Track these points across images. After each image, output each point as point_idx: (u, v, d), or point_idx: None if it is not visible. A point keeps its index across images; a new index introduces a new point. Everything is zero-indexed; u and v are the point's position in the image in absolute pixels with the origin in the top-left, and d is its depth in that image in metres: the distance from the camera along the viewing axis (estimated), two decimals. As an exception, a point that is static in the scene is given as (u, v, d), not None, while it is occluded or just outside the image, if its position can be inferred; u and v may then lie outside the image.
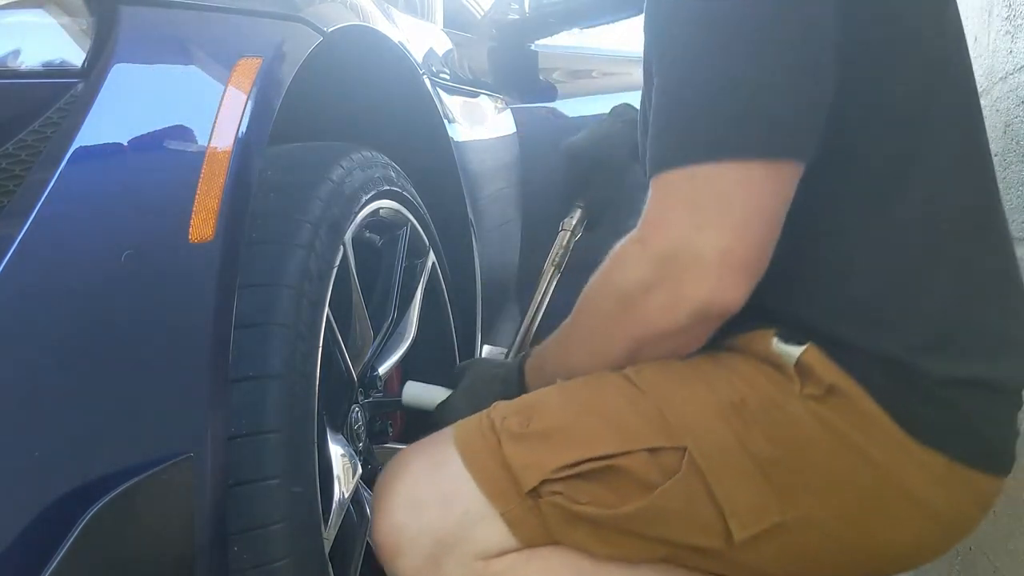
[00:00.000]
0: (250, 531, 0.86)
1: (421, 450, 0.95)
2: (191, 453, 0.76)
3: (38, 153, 0.69)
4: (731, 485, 0.85)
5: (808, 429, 0.85)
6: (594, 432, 0.87)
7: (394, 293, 1.28)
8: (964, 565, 1.38)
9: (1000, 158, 1.20)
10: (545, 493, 0.86)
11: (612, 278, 0.87)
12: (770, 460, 0.85)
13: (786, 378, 0.85)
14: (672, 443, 0.85)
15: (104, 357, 0.71)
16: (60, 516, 0.66)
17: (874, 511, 0.87)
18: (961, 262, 0.87)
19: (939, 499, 0.87)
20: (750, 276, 0.80)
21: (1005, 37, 1.18)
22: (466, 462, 0.89)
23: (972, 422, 0.87)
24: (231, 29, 0.88)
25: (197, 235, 0.77)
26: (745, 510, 0.85)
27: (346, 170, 1.07)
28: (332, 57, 1.07)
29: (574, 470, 0.85)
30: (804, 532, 0.87)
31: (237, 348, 0.85)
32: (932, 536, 0.91)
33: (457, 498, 0.89)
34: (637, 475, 0.85)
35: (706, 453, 0.84)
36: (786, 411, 0.85)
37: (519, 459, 0.87)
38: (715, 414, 0.86)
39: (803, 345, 0.85)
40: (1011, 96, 1.16)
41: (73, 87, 0.71)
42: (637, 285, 0.83)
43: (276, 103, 0.89)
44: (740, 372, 0.87)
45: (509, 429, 0.88)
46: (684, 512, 0.85)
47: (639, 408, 0.87)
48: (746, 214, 0.78)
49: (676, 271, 0.80)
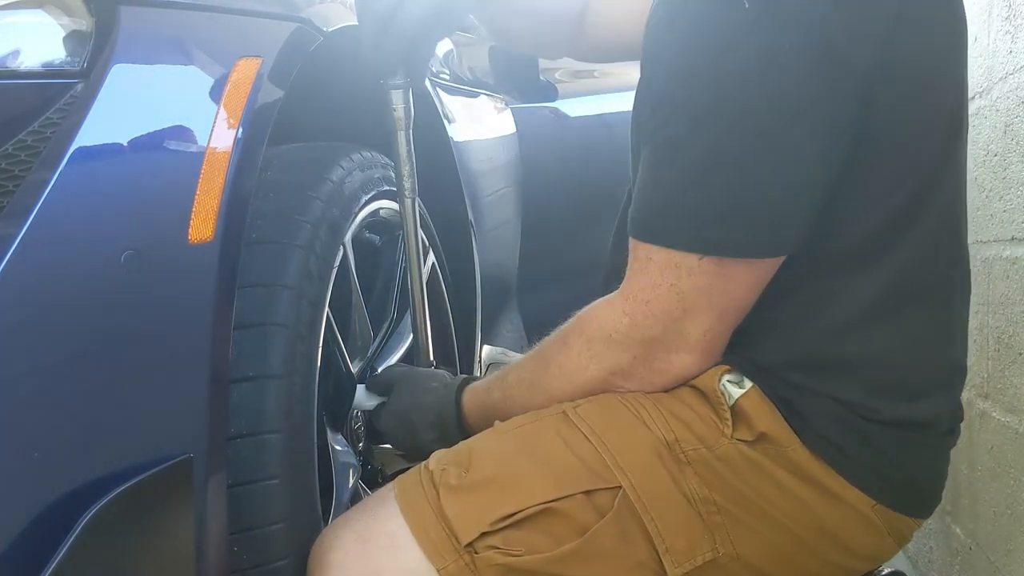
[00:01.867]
0: (250, 531, 0.86)
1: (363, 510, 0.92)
2: (191, 453, 0.76)
3: (38, 153, 0.69)
4: (665, 523, 0.86)
5: (738, 471, 0.87)
6: (531, 479, 0.87)
7: (394, 293, 1.28)
8: (964, 565, 1.38)
9: (1000, 158, 1.20)
10: (481, 548, 0.84)
11: (596, 349, 0.89)
12: (702, 499, 0.86)
13: (719, 419, 0.87)
14: (607, 484, 0.86)
15: (104, 357, 0.71)
16: (60, 517, 0.66)
17: (802, 550, 0.89)
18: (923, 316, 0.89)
19: (862, 542, 0.91)
20: (723, 346, 0.88)
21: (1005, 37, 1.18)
22: (406, 517, 0.87)
23: (907, 470, 0.90)
24: (231, 29, 0.88)
25: (197, 235, 0.77)
26: (679, 548, 0.86)
27: (346, 170, 1.07)
28: (332, 57, 1.07)
29: (511, 520, 0.85)
30: (735, 569, 0.88)
31: (237, 348, 0.85)
32: (851, 570, 0.95)
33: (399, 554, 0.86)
34: (573, 518, 0.85)
35: (640, 492, 0.86)
36: (716, 452, 0.87)
37: (457, 512, 0.85)
38: (650, 453, 0.87)
39: (745, 388, 0.87)
40: (1011, 96, 1.16)
41: (73, 87, 0.71)
42: (627, 361, 0.88)
43: (276, 103, 0.89)
44: (675, 412, 0.88)
45: (447, 482, 0.87)
46: (618, 551, 0.86)
47: (576, 450, 0.88)
48: (727, 304, 0.85)
49: (665, 344, 0.86)
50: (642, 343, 0.87)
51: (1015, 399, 1.15)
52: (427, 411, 1.03)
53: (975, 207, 1.31)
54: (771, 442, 0.87)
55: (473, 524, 0.85)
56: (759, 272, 0.85)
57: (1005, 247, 1.18)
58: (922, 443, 0.91)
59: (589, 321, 0.90)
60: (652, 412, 0.88)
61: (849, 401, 0.87)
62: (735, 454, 0.87)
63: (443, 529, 0.85)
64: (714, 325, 0.85)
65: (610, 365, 0.89)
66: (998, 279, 1.21)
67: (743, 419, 0.87)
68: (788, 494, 0.87)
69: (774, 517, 0.88)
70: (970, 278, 0.96)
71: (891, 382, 0.88)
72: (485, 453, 0.90)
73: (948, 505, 1.48)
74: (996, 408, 1.22)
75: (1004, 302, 1.19)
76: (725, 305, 0.85)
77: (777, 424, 0.87)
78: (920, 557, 1.69)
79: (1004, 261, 1.18)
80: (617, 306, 0.88)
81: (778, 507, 0.87)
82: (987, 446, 1.26)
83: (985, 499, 1.27)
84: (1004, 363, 1.19)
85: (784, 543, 0.89)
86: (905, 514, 0.92)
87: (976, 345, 1.32)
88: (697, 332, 0.85)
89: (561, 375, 0.92)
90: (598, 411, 0.90)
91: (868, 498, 0.88)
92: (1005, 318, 1.18)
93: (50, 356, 0.67)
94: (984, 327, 1.27)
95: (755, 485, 0.87)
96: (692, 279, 0.83)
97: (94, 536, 0.67)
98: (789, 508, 0.88)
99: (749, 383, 0.88)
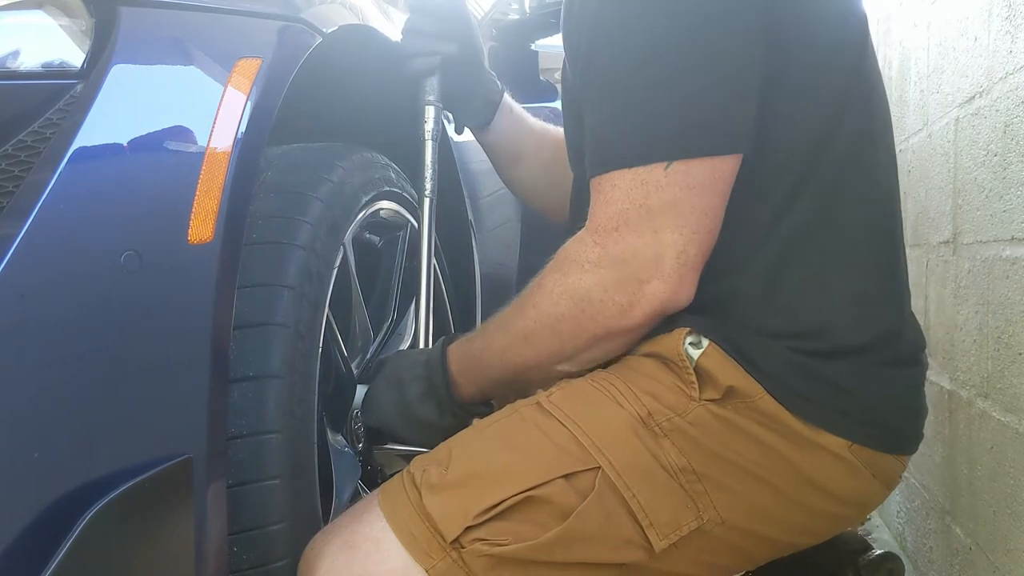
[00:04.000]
0: (250, 531, 0.86)
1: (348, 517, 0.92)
2: (191, 454, 0.76)
3: (37, 154, 0.69)
4: (646, 497, 0.86)
5: (713, 433, 0.88)
6: (511, 469, 0.87)
7: (394, 294, 1.28)
8: (964, 565, 1.38)
9: (1000, 158, 1.20)
10: (467, 543, 0.85)
11: (570, 281, 0.89)
12: (681, 469, 0.87)
13: (685, 385, 0.89)
14: (586, 465, 0.87)
15: (104, 358, 0.71)
16: (60, 517, 0.66)
17: (789, 507, 0.90)
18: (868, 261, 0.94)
19: (845, 486, 0.91)
20: (699, 271, 0.86)
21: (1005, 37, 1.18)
22: (390, 521, 0.88)
23: (869, 404, 0.91)
24: (230, 30, 0.88)
25: (196, 236, 0.77)
26: (662, 520, 0.87)
27: (346, 171, 1.07)
28: (331, 57, 1.07)
29: (495, 511, 0.85)
30: (722, 533, 0.89)
31: (237, 349, 0.85)
32: (841, 517, 0.96)
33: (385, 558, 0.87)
34: (555, 503, 0.86)
35: (619, 469, 0.86)
36: (689, 419, 0.88)
37: (439, 510, 0.86)
38: (625, 430, 0.88)
39: (703, 347, 0.89)
40: (1011, 96, 1.16)
41: (72, 88, 0.72)
42: (598, 289, 0.86)
43: (275, 104, 0.89)
44: (643, 386, 0.90)
45: (428, 481, 0.88)
46: (603, 530, 0.86)
47: (552, 437, 0.88)
48: (696, 215, 0.84)
49: (637, 273, 0.85)
50: (614, 268, 0.86)
51: (1015, 399, 1.15)
52: (414, 365, 1.04)
53: (975, 207, 1.31)
54: (739, 396, 0.88)
55: (457, 520, 0.85)
56: (721, 177, 0.85)
57: (1005, 247, 1.18)
58: (878, 375, 0.92)
59: (562, 258, 0.91)
60: (622, 390, 0.90)
61: (796, 345, 0.89)
62: (707, 416, 0.88)
63: (427, 529, 0.86)
64: (687, 247, 0.84)
65: (582, 296, 0.88)
66: (998, 279, 1.21)
67: (707, 379, 0.89)
68: (763, 448, 0.88)
69: (753, 474, 0.89)
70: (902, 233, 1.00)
71: (828, 316, 0.90)
72: (464, 450, 0.91)
73: (948, 505, 1.48)
74: (996, 408, 1.22)
75: (1004, 302, 1.19)
76: (695, 222, 0.84)
77: (740, 376, 0.88)
78: (920, 557, 1.69)
79: (1004, 261, 1.18)
80: (587, 239, 0.88)
81: (755, 463, 0.88)
82: (987, 446, 1.26)
83: (985, 499, 1.27)
84: (1004, 363, 1.19)
85: (767, 500, 0.90)
86: (883, 451, 0.92)
87: (976, 345, 1.32)
88: (670, 256, 0.84)
89: (536, 314, 0.92)
90: (570, 396, 0.91)
91: (841, 439, 0.89)
92: (1005, 318, 1.18)
93: (50, 357, 0.67)
94: (984, 327, 1.27)
95: (730, 444, 0.88)
96: (660, 193, 0.83)
97: (94, 536, 0.67)
98: (766, 462, 0.89)
99: (706, 341, 0.89)
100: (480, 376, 0.99)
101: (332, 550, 0.88)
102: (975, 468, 1.32)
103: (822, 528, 0.97)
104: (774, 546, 0.96)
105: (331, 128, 1.26)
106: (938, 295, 1.54)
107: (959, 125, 1.40)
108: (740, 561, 0.96)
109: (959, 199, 1.40)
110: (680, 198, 0.83)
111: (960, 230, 1.40)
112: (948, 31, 1.47)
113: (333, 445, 1.07)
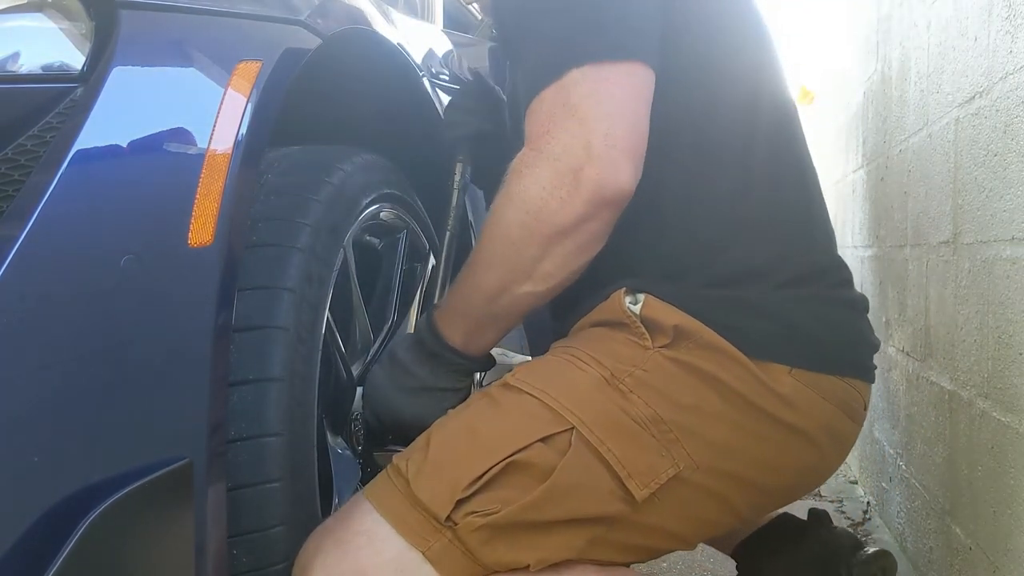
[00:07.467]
0: (250, 534, 0.86)
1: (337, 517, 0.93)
2: (191, 457, 0.76)
3: (38, 157, 0.69)
4: (621, 449, 0.90)
5: (672, 378, 0.93)
6: (489, 442, 0.90)
7: (394, 296, 1.28)
8: (964, 564, 1.38)
9: (1000, 158, 1.20)
10: (460, 518, 0.87)
11: (512, 189, 0.93)
12: (651, 419, 0.91)
13: (637, 337, 0.94)
14: (560, 427, 0.91)
15: (104, 361, 0.71)
16: (60, 521, 0.66)
17: (751, 440, 0.94)
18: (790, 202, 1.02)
19: (798, 412, 0.95)
20: (633, 159, 0.90)
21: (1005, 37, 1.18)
22: (380, 511, 0.89)
23: (795, 323, 0.96)
24: (230, 33, 0.88)
25: (196, 239, 0.77)
26: (639, 470, 0.91)
27: (346, 173, 1.07)
28: (332, 60, 1.07)
29: (481, 481, 0.88)
30: (700, 479, 0.93)
31: (237, 352, 0.85)
32: (809, 453, 0.99)
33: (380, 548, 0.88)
34: (536, 464, 0.89)
35: (591, 426, 0.90)
36: (647, 368, 0.93)
37: (428, 492, 0.88)
38: (592, 390, 0.92)
39: (641, 300, 0.94)
40: (1011, 96, 1.16)
41: (72, 91, 0.71)
42: (536, 186, 0.90)
43: (276, 106, 0.89)
44: (601, 349, 0.95)
45: (413, 468, 0.91)
46: (585, 484, 0.90)
47: (524, 408, 0.92)
48: (615, 103, 0.90)
49: (570, 162, 0.89)
50: (548, 164, 0.90)
51: (1015, 399, 1.15)
52: (405, 337, 1.08)
53: (975, 207, 1.31)
54: (685, 335, 0.93)
55: (446, 496, 0.88)
56: (636, 80, 0.92)
57: (1005, 247, 1.18)
58: (793, 296, 0.98)
59: (506, 178, 0.94)
60: (582, 356, 0.95)
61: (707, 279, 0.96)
62: (663, 362, 0.93)
63: (419, 512, 0.88)
64: (611, 129, 0.89)
65: (524, 198, 0.91)
66: (998, 279, 1.21)
67: (654, 326, 0.94)
68: (717, 384, 0.93)
69: (713, 412, 0.93)
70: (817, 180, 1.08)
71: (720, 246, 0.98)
72: (442, 433, 0.94)
73: (948, 505, 1.48)
74: (996, 408, 1.22)
75: (1004, 302, 1.19)
76: (616, 109, 0.89)
77: (680, 316, 0.93)
78: (920, 557, 1.69)
79: (1004, 261, 1.18)
80: (524, 150, 0.93)
81: (712, 402, 0.93)
82: (987, 446, 1.26)
83: (985, 499, 1.27)
84: (1004, 363, 1.19)
85: (732, 436, 0.94)
86: (822, 371, 0.96)
87: (976, 345, 1.32)
88: (597, 139, 0.88)
89: (489, 233, 0.96)
90: (534, 370, 0.96)
91: (780, 365, 0.94)
92: (1005, 318, 1.18)
93: (50, 360, 0.67)
94: (984, 327, 1.27)
95: (688, 386, 0.92)
96: (577, 88, 0.89)
97: (95, 540, 0.67)
98: (721, 399, 0.93)
99: (642, 296, 0.95)
100: (463, 321, 1.01)
101: (325, 548, 0.89)
102: (975, 468, 1.32)
103: (793, 462, 0.99)
104: (754, 490, 0.98)
105: (331, 130, 1.26)
106: (938, 295, 1.54)
107: (959, 125, 1.40)
108: (724, 513, 0.98)
109: (959, 199, 1.40)
110: (597, 89, 0.89)
111: (960, 230, 1.40)
112: (948, 31, 1.47)
113: (333, 448, 1.07)
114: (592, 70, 0.90)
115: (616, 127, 0.89)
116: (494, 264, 0.96)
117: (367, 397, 1.09)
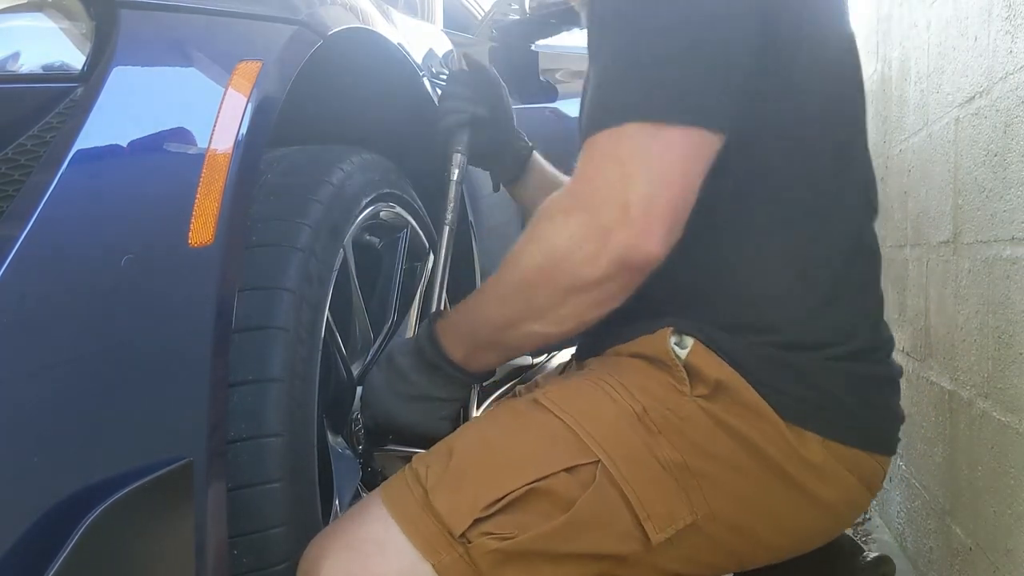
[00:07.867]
0: (251, 534, 0.86)
1: (349, 519, 0.92)
2: (191, 457, 0.76)
3: (38, 157, 0.68)
4: (644, 491, 0.89)
5: (703, 429, 0.91)
6: (514, 463, 0.89)
7: (394, 296, 1.28)
8: (964, 565, 1.38)
9: (1000, 158, 1.20)
10: (474, 537, 0.86)
11: (540, 231, 0.90)
12: (676, 464, 0.90)
13: (677, 381, 0.92)
14: (586, 459, 0.89)
15: (104, 361, 0.71)
16: (60, 521, 0.66)
17: (772, 502, 0.93)
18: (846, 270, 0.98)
19: (824, 483, 0.94)
20: (669, 229, 0.86)
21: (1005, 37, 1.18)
22: (396, 518, 0.88)
23: (838, 398, 0.94)
24: (231, 33, 0.88)
25: (197, 239, 0.77)
26: (659, 513, 0.89)
27: (346, 173, 1.07)
28: (332, 60, 1.07)
29: (500, 504, 0.86)
30: (714, 530, 0.92)
31: (237, 352, 0.85)
32: (824, 521, 0.98)
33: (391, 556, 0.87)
34: (558, 494, 0.88)
35: (618, 463, 0.89)
36: (681, 415, 0.91)
37: (446, 505, 0.87)
38: (621, 425, 0.90)
39: (689, 345, 0.92)
40: (1011, 96, 1.16)
41: (73, 91, 0.71)
42: (565, 235, 0.88)
43: (276, 106, 0.89)
44: (637, 383, 0.92)
45: (433, 478, 0.89)
46: (604, 521, 0.88)
47: (551, 430, 0.90)
48: (664, 168, 0.85)
49: (603, 220, 0.85)
50: (582, 217, 0.87)
51: (1015, 399, 1.15)
52: (405, 343, 1.07)
53: (975, 207, 1.31)
54: (726, 390, 0.91)
55: (464, 513, 0.86)
56: (693, 145, 0.86)
57: (1005, 247, 1.18)
58: (844, 369, 0.95)
59: (539, 212, 0.92)
60: (616, 386, 0.92)
61: (761, 339, 0.92)
62: (697, 412, 0.91)
63: (434, 524, 0.86)
64: (654, 197, 0.84)
65: (551, 245, 0.89)
66: (998, 279, 1.21)
67: (696, 374, 0.91)
68: (747, 444, 0.91)
69: (740, 469, 0.91)
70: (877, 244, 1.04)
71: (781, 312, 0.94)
72: (465, 446, 0.92)
73: (948, 505, 1.48)
74: (996, 408, 1.22)
75: (1004, 302, 1.19)
76: (664, 173, 0.85)
77: (725, 370, 0.91)
78: (920, 557, 1.69)
79: (1004, 261, 1.18)
80: (564, 191, 0.91)
81: (742, 459, 0.91)
82: (987, 446, 1.26)
83: (985, 499, 1.27)
84: (1004, 363, 1.19)
85: (755, 495, 0.92)
86: (856, 447, 0.95)
87: (977, 345, 1.32)
88: (636, 202, 0.84)
89: (509, 272, 0.93)
90: (566, 392, 0.94)
91: (815, 435, 0.92)
92: (1005, 318, 1.18)
93: (50, 360, 0.67)
94: (984, 327, 1.27)
95: (719, 440, 0.91)
96: (630, 142, 0.86)
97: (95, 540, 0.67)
98: (750, 458, 0.91)
99: (690, 340, 0.92)
100: (467, 340, 0.99)
101: (334, 551, 0.88)
102: (975, 468, 1.33)
103: (807, 528, 0.98)
104: (764, 548, 0.98)
105: (331, 130, 1.26)
106: (938, 295, 1.54)
107: (959, 125, 1.40)
108: (729, 562, 0.98)
109: (959, 199, 1.40)
110: (649, 147, 0.85)
111: (960, 230, 1.40)
112: (948, 31, 1.47)
113: (333, 448, 1.07)
114: (650, 128, 0.85)
115: (659, 192, 0.85)
116: (508, 300, 0.94)
117: (364, 399, 1.08)
